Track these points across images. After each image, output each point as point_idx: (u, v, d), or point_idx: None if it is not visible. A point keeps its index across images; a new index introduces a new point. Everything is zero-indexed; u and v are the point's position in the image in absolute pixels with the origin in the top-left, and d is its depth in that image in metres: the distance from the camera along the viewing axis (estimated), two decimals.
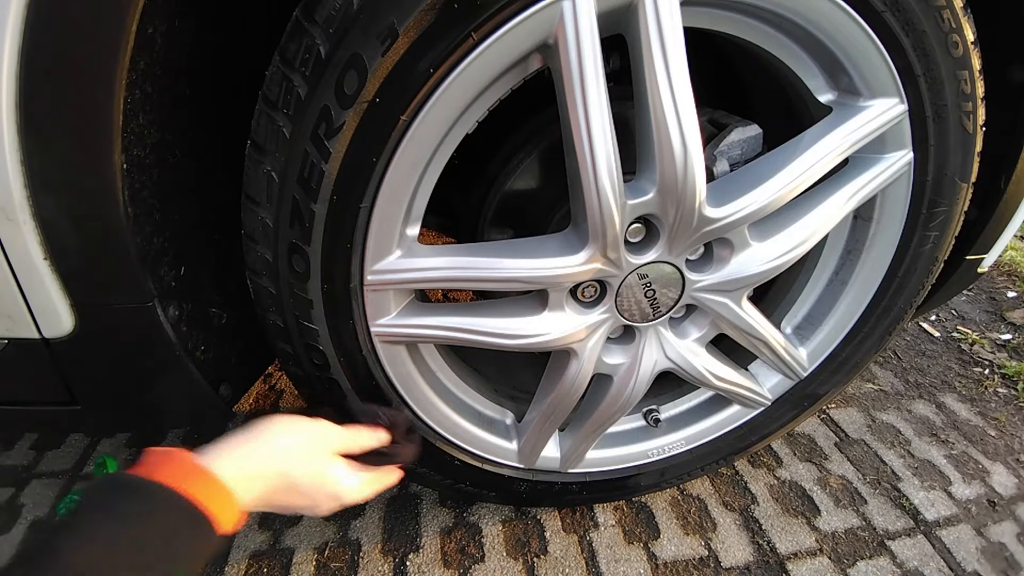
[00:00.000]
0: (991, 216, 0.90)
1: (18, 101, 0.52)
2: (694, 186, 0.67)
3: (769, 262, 0.79)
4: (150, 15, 0.56)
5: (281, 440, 0.63)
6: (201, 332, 0.75)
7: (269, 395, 1.42)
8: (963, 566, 1.09)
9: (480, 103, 0.64)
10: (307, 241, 0.66)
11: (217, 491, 0.54)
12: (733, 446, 1.10)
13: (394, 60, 0.56)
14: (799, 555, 1.10)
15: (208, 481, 0.54)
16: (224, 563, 1.04)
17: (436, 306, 0.81)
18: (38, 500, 1.16)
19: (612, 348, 0.87)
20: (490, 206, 0.94)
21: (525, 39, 0.58)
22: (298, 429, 0.66)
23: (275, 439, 0.63)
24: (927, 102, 0.73)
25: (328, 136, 0.59)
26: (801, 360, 0.99)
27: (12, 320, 0.64)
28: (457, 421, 0.90)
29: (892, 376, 1.58)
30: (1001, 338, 1.76)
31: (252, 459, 0.60)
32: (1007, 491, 1.25)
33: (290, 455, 0.63)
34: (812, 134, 0.75)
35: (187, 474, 0.54)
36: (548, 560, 1.07)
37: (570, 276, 0.72)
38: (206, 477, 0.54)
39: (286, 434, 0.64)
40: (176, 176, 0.68)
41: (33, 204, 0.56)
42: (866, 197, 0.80)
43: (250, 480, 0.58)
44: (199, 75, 0.68)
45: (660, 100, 0.62)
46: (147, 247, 0.64)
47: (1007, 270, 2.10)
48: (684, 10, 0.60)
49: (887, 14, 0.66)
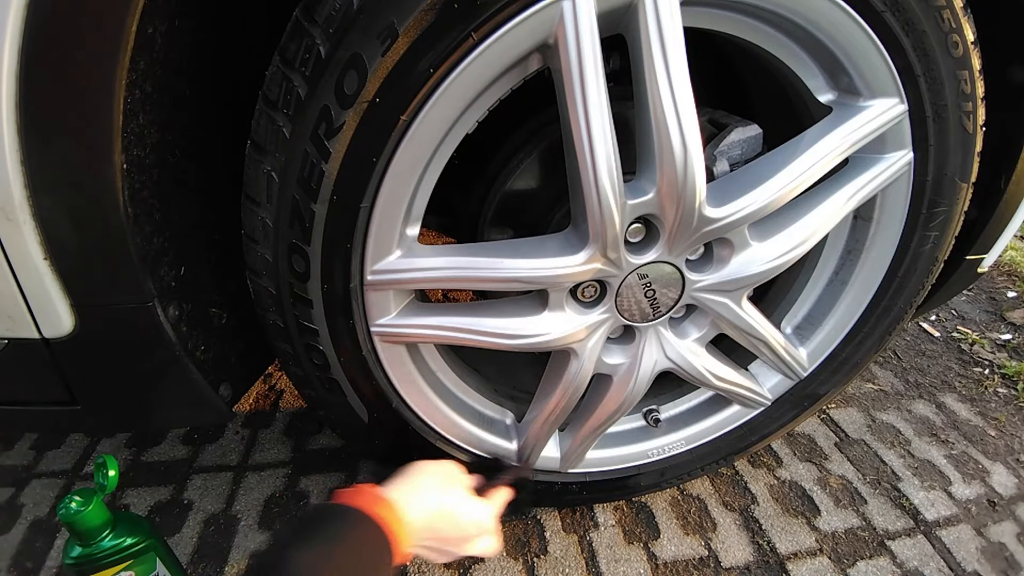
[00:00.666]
0: (991, 216, 0.90)
1: (18, 101, 0.51)
2: (694, 186, 0.67)
3: (769, 262, 0.79)
4: (150, 15, 0.56)
5: (435, 479, 0.74)
6: (201, 332, 0.75)
7: (269, 395, 1.42)
8: (963, 566, 1.09)
9: (480, 103, 0.64)
10: (307, 241, 0.66)
11: (396, 519, 0.64)
12: (733, 446, 1.10)
13: (394, 60, 0.56)
14: (799, 555, 1.10)
15: (391, 508, 0.65)
16: (224, 563, 1.04)
17: (436, 306, 0.81)
18: (38, 500, 1.16)
19: (612, 348, 0.87)
20: (490, 206, 0.94)
21: (525, 39, 0.58)
22: (444, 469, 0.77)
23: (430, 478, 0.74)
24: (927, 102, 0.73)
25: (328, 136, 0.59)
26: (801, 360, 0.99)
27: (12, 320, 0.64)
28: (457, 421, 0.90)
29: (892, 376, 1.58)
30: (1001, 338, 1.76)
31: (419, 493, 0.71)
32: (1007, 491, 1.25)
33: (445, 490, 0.74)
34: (812, 134, 0.75)
35: (376, 502, 0.64)
36: (548, 560, 1.07)
37: (570, 276, 0.72)
38: (390, 506, 0.65)
39: (438, 474, 0.75)
40: (176, 176, 0.68)
41: (33, 204, 0.56)
42: (866, 197, 0.80)
43: (419, 512, 0.68)
44: (199, 75, 0.68)
45: (660, 100, 0.62)
46: (147, 247, 0.64)
47: (1007, 270, 2.10)
48: (684, 10, 0.60)
49: (887, 14, 0.66)
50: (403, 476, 0.73)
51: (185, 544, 1.07)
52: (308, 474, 1.22)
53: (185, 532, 1.09)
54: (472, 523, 0.75)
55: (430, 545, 0.72)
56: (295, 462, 1.24)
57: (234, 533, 1.09)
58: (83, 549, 0.77)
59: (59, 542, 1.08)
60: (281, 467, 1.23)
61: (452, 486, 0.75)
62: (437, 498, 0.72)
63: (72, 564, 0.77)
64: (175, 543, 1.06)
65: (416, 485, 0.72)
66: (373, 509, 0.63)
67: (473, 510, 0.75)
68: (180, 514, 1.13)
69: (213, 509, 1.14)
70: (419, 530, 0.68)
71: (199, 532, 1.09)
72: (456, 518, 0.73)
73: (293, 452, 1.27)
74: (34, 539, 1.08)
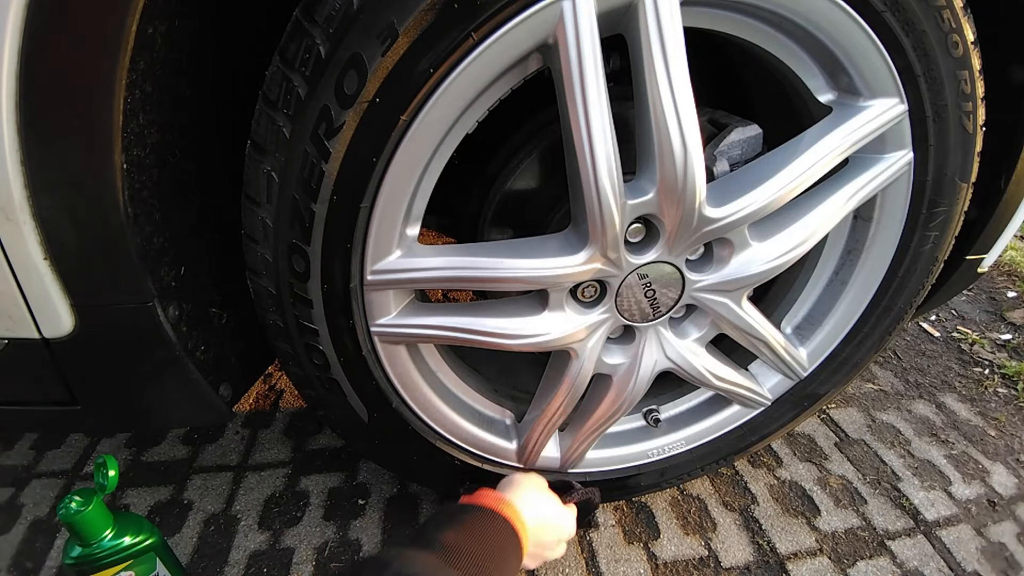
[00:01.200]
0: (991, 216, 0.90)
1: (18, 101, 0.51)
2: (694, 186, 0.67)
3: (769, 262, 0.79)
4: (150, 15, 0.56)
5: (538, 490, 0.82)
6: (201, 332, 0.75)
7: (269, 395, 1.42)
8: (963, 566, 1.09)
9: (480, 103, 0.64)
10: (307, 241, 0.66)
11: (521, 522, 0.71)
12: (733, 446, 1.10)
13: (394, 60, 0.56)
14: (799, 555, 1.10)
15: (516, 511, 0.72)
16: (224, 563, 1.04)
17: (436, 306, 0.81)
18: (38, 500, 1.16)
19: (612, 348, 0.87)
20: (490, 206, 0.94)
21: (525, 39, 0.58)
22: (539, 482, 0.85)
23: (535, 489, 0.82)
24: (927, 102, 0.73)
25: (328, 136, 0.59)
26: (801, 360, 0.99)
27: (12, 320, 0.64)
28: (457, 421, 0.90)
29: (892, 376, 1.58)
30: (1001, 338, 1.76)
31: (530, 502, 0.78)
32: (1007, 491, 1.25)
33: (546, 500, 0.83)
34: (812, 134, 0.75)
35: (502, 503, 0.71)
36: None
37: (570, 276, 0.72)
38: (514, 508, 0.72)
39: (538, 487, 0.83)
40: (176, 176, 0.68)
41: (33, 204, 0.56)
42: (866, 197, 0.80)
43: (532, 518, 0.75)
44: (199, 75, 0.68)
45: (660, 100, 0.62)
46: (147, 247, 0.64)
47: (1007, 270, 2.10)
48: (684, 10, 0.60)
49: (887, 14, 0.66)
50: (512, 485, 0.81)
51: (185, 544, 1.07)
52: (308, 474, 1.22)
53: (185, 532, 1.09)
54: (564, 529, 0.84)
55: (534, 549, 0.77)
56: (295, 462, 1.24)
57: (234, 533, 1.09)
58: (83, 549, 0.77)
59: (59, 542, 1.08)
60: (281, 467, 1.23)
61: (549, 497, 0.84)
62: (543, 507, 0.80)
63: (72, 564, 0.77)
64: (175, 543, 1.06)
65: (526, 494, 0.79)
66: (501, 509, 0.69)
67: (565, 519, 0.85)
68: (180, 514, 1.13)
69: (213, 509, 1.14)
70: (533, 531, 0.74)
71: (199, 532, 1.09)
72: (554, 525, 0.81)
73: (293, 452, 1.27)
74: (34, 539, 1.08)
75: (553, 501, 0.84)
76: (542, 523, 0.78)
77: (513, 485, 0.81)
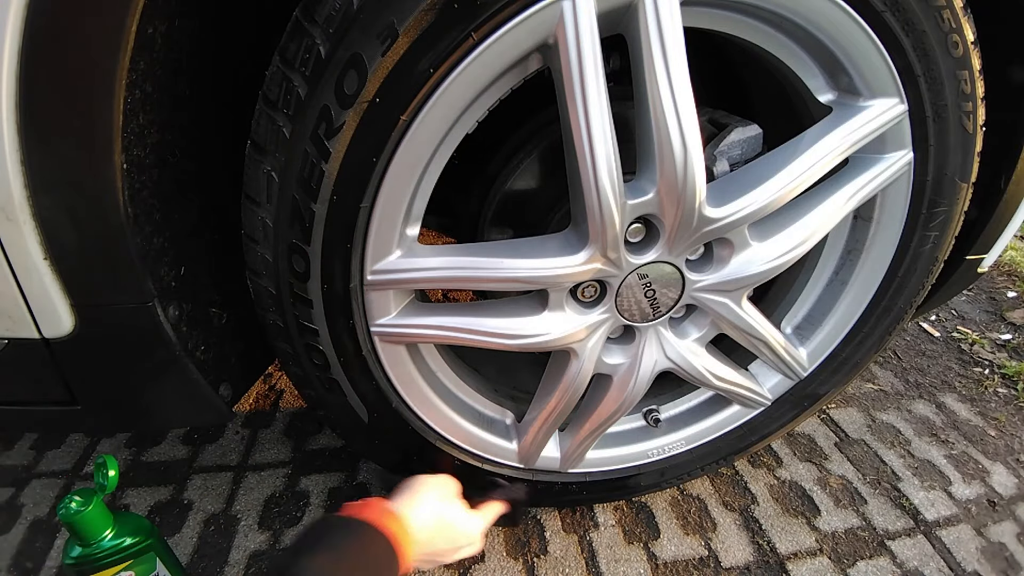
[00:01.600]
0: (991, 216, 0.90)
1: (18, 101, 0.51)
2: (694, 186, 0.67)
3: (769, 262, 0.79)
4: (150, 15, 0.56)
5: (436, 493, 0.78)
6: (201, 332, 0.75)
7: (269, 395, 1.42)
8: (963, 566, 1.09)
9: (480, 103, 0.64)
10: (307, 241, 0.66)
11: (403, 531, 0.67)
12: (733, 446, 1.10)
13: (394, 60, 0.56)
14: (799, 555, 1.10)
15: (398, 522, 0.67)
16: (224, 563, 1.04)
17: (436, 306, 0.81)
18: (38, 500, 1.16)
19: (612, 348, 0.87)
20: (490, 206, 0.94)
21: (525, 39, 0.58)
22: (443, 483, 0.81)
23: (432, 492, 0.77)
24: (927, 102, 0.73)
25: (328, 136, 0.59)
26: (801, 360, 0.99)
27: (12, 320, 0.64)
28: (457, 421, 0.90)
29: (892, 376, 1.58)
30: (1001, 338, 1.76)
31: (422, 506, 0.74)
32: (1007, 491, 1.25)
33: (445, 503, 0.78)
34: (812, 134, 0.75)
35: (385, 515, 0.67)
36: (548, 560, 1.07)
37: (570, 276, 0.72)
38: (398, 519, 0.68)
39: (438, 488, 0.79)
40: (176, 176, 0.68)
41: (33, 204, 0.56)
42: (866, 197, 0.80)
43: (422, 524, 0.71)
44: (199, 75, 0.68)
45: (660, 100, 0.62)
46: (147, 247, 0.64)
47: (1007, 270, 2.10)
48: (684, 10, 0.60)
49: (887, 14, 0.66)
50: (407, 489, 0.77)
51: (185, 544, 1.07)
52: (308, 474, 1.22)
53: (185, 532, 1.09)
54: (464, 535, 0.79)
55: (425, 556, 0.74)
56: (295, 462, 1.24)
57: (234, 533, 1.09)
58: (83, 549, 0.77)
59: (59, 542, 1.08)
60: (281, 467, 1.23)
61: (450, 500, 0.80)
62: (438, 511, 0.76)
63: (72, 564, 0.77)
64: (175, 543, 1.06)
65: (420, 499, 0.75)
66: (382, 522, 0.65)
67: (467, 523, 0.80)
68: (180, 514, 1.13)
69: (213, 509, 1.14)
70: (422, 542, 0.71)
71: (199, 532, 1.09)
72: (452, 531, 0.77)
73: (293, 452, 1.27)
74: (34, 539, 1.08)
75: (454, 507, 0.80)
76: (437, 531, 0.75)
77: (409, 491, 0.77)
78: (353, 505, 0.68)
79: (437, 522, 0.75)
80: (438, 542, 0.75)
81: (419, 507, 0.74)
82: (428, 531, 0.73)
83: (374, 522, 0.65)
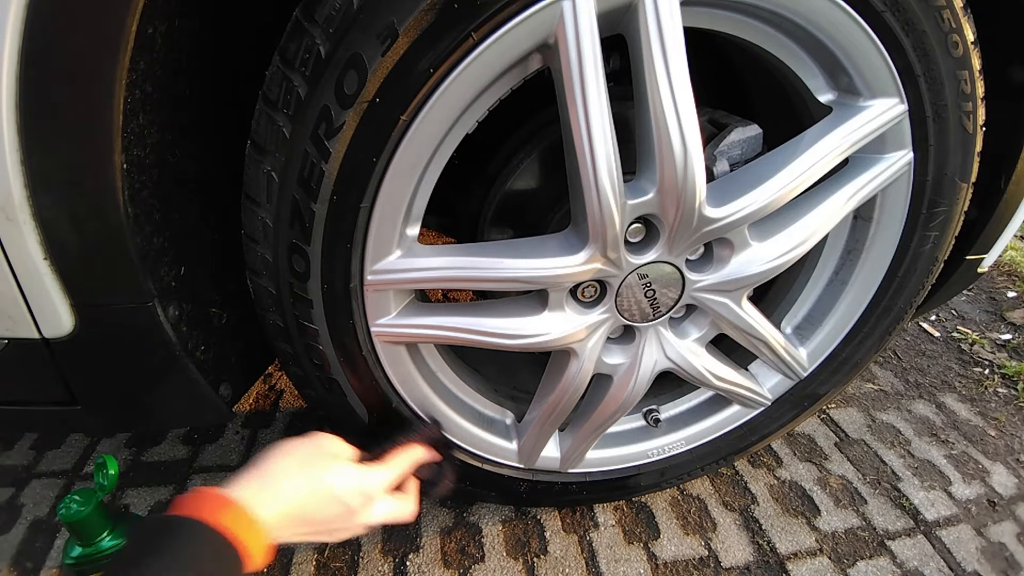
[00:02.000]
0: (991, 216, 0.90)
1: (18, 101, 0.51)
2: (694, 186, 0.67)
3: (769, 262, 0.79)
4: (150, 15, 0.56)
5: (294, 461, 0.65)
6: (201, 332, 0.75)
7: (269, 395, 1.42)
8: (963, 566, 1.09)
9: (480, 103, 0.64)
10: (307, 241, 0.66)
11: (245, 521, 0.56)
12: (733, 446, 1.10)
13: (394, 60, 0.56)
14: (799, 555, 1.10)
15: (236, 512, 0.57)
16: None
17: (436, 306, 0.81)
18: (38, 500, 1.16)
19: (612, 348, 0.87)
20: (490, 206, 0.94)
21: (525, 39, 0.58)
22: (307, 447, 0.68)
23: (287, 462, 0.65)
24: (927, 102, 0.73)
25: (328, 136, 0.59)
26: (801, 360, 0.99)
27: (12, 320, 0.64)
28: (457, 421, 0.90)
29: (892, 376, 1.58)
30: (1001, 338, 1.76)
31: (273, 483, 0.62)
32: (1007, 491, 1.25)
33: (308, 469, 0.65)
34: (812, 134, 0.75)
35: (218, 508, 0.56)
36: (548, 560, 1.07)
37: (570, 276, 0.72)
38: (234, 508, 0.57)
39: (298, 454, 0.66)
40: (176, 176, 0.68)
41: (33, 204, 0.56)
42: (866, 197, 0.80)
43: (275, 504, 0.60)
44: (199, 75, 0.68)
45: (660, 100, 0.62)
46: (147, 247, 0.64)
47: (1007, 270, 2.10)
48: (684, 10, 0.60)
49: (887, 14, 0.66)
50: (254, 467, 0.64)
51: None
52: None
53: None
54: (354, 494, 0.67)
55: (307, 532, 0.65)
56: None
57: None
58: (83, 549, 0.77)
59: (59, 542, 1.08)
60: None
61: (318, 462, 0.67)
62: (298, 482, 0.64)
63: (72, 564, 0.77)
64: None
65: (269, 475, 0.63)
66: (215, 518, 0.55)
67: (350, 480, 0.67)
68: None
69: None
70: (282, 524, 0.61)
71: None
72: (329, 495, 0.65)
73: None
74: (34, 539, 1.08)
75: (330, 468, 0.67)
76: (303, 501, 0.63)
77: (254, 467, 0.64)
78: (182, 500, 0.57)
79: (301, 493, 0.63)
80: (315, 512, 0.64)
81: (269, 484, 0.62)
82: (289, 508, 0.61)
83: (205, 519, 0.54)
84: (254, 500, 0.59)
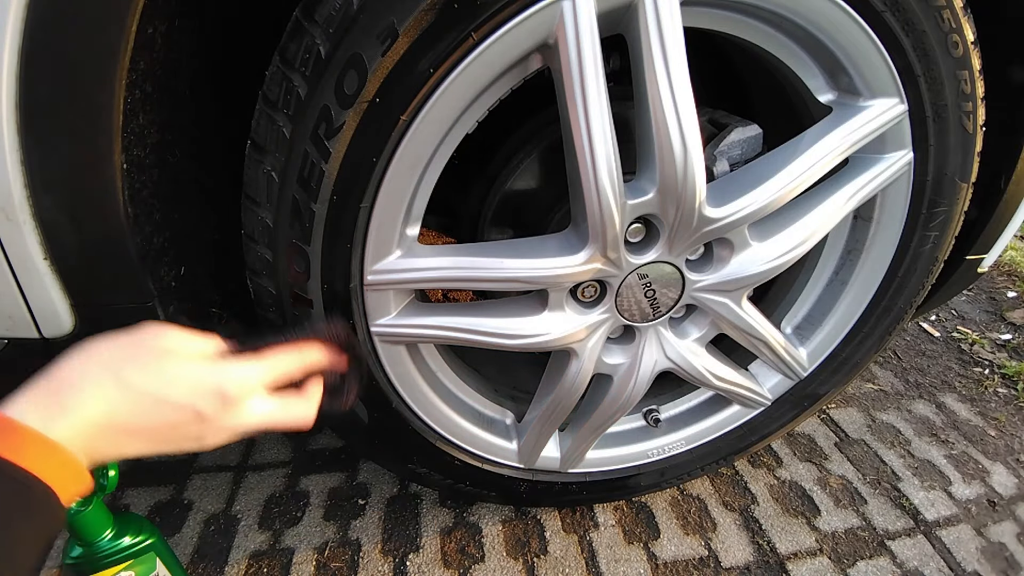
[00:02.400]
0: (991, 216, 0.90)
1: (18, 101, 0.51)
2: (694, 186, 0.67)
3: (769, 262, 0.79)
4: (150, 15, 0.56)
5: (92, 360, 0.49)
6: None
7: None
8: (963, 566, 1.09)
9: (480, 103, 0.64)
10: (307, 241, 0.66)
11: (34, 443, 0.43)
12: (733, 446, 1.10)
13: (394, 60, 0.56)
14: (799, 555, 1.10)
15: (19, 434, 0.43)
16: (224, 563, 1.04)
17: (436, 306, 0.81)
18: None
19: (612, 348, 0.87)
20: (490, 206, 0.94)
21: (525, 39, 0.58)
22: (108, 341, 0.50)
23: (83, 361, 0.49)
24: (927, 102, 0.73)
25: (328, 136, 0.59)
26: (801, 360, 0.99)
27: (12, 320, 0.64)
28: (457, 421, 0.90)
29: (892, 376, 1.58)
30: (1001, 338, 1.76)
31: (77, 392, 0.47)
32: (1007, 491, 1.25)
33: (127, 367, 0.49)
34: (812, 134, 0.75)
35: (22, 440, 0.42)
36: (548, 560, 1.07)
37: (570, 276, 0.72)
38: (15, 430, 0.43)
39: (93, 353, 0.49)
40: (176, 176, 0.68)
41: (33, 204, 0.56)
42: (866, 197, 0.80)
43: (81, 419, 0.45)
44: (199, 75, 0.68)
45: (660, 100, 0.62)
46: (147, 247, 0.64)
47: (1007, 270, 2.10)
48: (684, 10, 0.60)
49: (887, 14, 0.66)
50: (42, 377, 0.48)
51: (185, 544, 1.07)
52: (308, 474, 1.22)
53: (185, 532, 1.09)
54: (201, 394, 0.50)
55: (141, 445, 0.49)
56: (295, 462, 1.24)
57: (234, 533, 1.09)
58: (83, 549, 0.77)
59: (59, 542, 1.08)
60: (281, 467, 1.23)
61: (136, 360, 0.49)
62: (104, 388, 0.47)
63: (72, 564, 0.77)
64: (175, 543, 1.06)
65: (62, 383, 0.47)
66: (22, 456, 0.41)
67: (187, 380, 0.50)
68: (180, 514, 1.13)
69: (213, 509, 1.14)
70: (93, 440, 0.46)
71: (199, 532, 1.09)
72: (155, 398, 0.48)
73: (293, 452, 1.27)
74: None
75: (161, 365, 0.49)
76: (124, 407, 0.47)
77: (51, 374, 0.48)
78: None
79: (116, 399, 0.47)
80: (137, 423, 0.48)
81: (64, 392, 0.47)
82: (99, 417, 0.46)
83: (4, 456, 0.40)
84: (42, 416, 0.45)
